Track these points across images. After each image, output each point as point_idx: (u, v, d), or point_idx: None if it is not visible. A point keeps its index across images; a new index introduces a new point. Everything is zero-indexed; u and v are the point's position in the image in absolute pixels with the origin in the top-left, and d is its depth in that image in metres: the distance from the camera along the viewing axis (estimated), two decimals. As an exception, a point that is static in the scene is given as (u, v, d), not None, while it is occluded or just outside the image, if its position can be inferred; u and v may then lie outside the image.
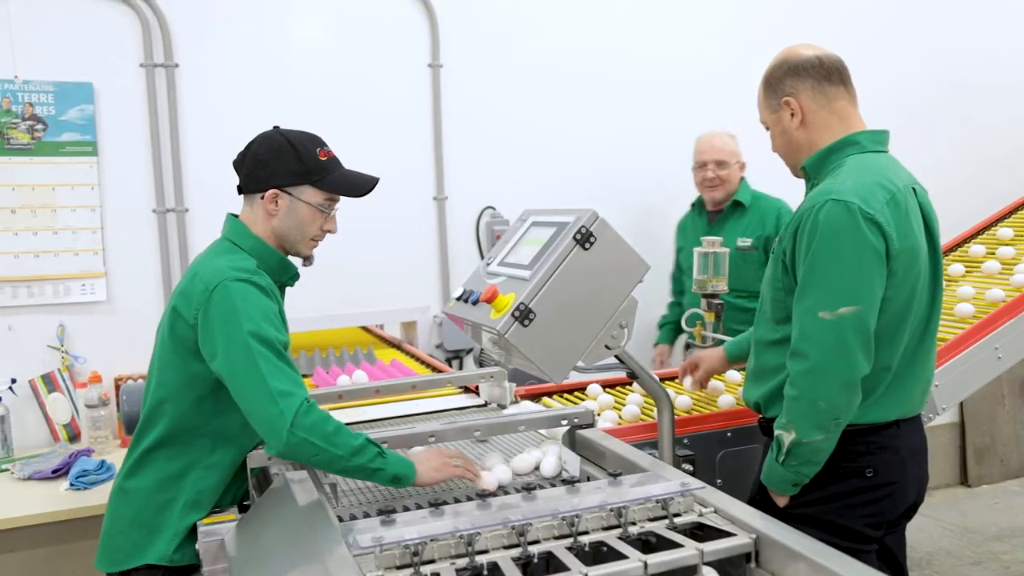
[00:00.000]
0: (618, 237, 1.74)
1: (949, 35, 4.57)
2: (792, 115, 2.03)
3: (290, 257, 1.98)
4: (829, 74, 2.02)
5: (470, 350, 3.67)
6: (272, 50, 3.42)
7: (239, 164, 1.95)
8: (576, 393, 2.76)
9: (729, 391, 2.59)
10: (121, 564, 1.85)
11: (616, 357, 1.85)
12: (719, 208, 3.56)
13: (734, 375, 2.73)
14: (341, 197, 1.96)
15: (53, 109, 3.08)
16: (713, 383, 2.59)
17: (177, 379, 1.84)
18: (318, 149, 1.92)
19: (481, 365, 3.44)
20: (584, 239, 1.69)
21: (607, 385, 2.79)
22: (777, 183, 2.92)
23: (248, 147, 1.94)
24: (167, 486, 1.84)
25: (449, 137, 3.69)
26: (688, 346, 3.11)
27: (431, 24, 3.63)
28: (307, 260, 2.01)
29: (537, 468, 1.88)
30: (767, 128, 2.13)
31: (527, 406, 2.59)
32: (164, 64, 3.24)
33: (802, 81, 2.02)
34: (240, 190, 1.97)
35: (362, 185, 1.95)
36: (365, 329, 3.81)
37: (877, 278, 1.85)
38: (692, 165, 3.57)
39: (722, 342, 2.55)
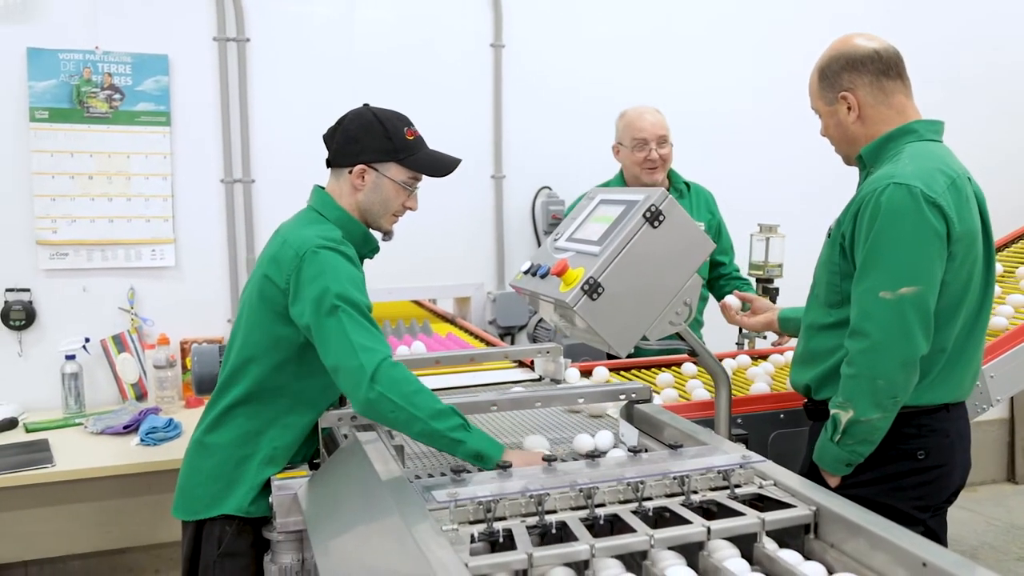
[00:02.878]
0: (685, 216, 1.77)
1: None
2: (849, 109, 2.02)
3: (371, 231, 2.05)
4: (887, 68, 2.00)
5: (523, 327, 3.73)
6: (339, 27, 3.49)
7: (329, 138, 2.02)
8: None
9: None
10: (199, 513, 1.95)
11: (678, 335, 1.89)
12: None
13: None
14: (424, 176, 2.02)
15: (130, 80, 3.19)
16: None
17: (263, 340, 1.91)
18: (405, 128, 1.98)
19: (534, 341, 3.50)
20: (653, 217, 1.72)
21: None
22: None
23: (339, 122, 2.00)
24: (246, 442, 1.92)
25: (509, 117, 3.75)
26: (741, 330, 3.13)
27: (494, 4, 3.67)
28: (387, 235, 2.07)
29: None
30: (818, 114, 2.11)
31: (573, 374, 2.65)
32: (236, 38, 3.33)
33: (860, 76, 2.00)
34: (328, 163, 2.04)
35: (445, 165, 2.01)
36: (417, 303, 3.88)
37: (938, 260, 1.86)
38: (623, 144, 3.17)
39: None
